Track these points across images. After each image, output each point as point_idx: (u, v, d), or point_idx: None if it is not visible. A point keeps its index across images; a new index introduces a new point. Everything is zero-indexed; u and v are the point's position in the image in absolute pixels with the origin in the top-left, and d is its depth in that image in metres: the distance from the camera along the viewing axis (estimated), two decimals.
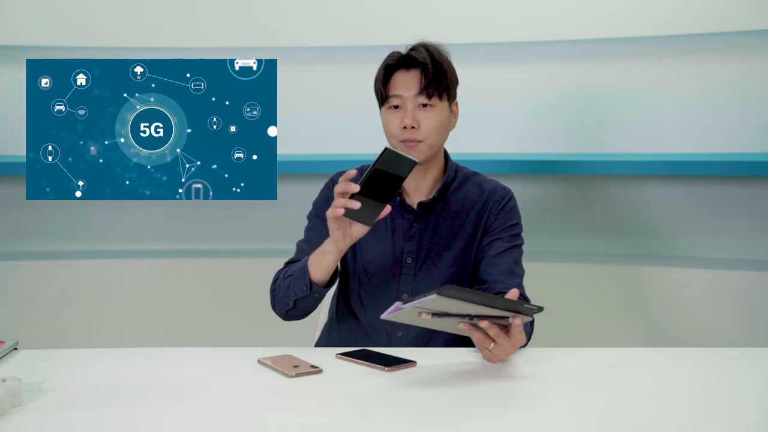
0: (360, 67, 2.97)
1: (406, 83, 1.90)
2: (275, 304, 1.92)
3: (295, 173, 2.98)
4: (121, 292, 3.13)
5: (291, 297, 1.85)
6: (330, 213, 1.70)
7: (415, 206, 1.95)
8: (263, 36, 3.08)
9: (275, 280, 1.93)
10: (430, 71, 1.88)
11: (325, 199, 1.99)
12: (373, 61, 1.99)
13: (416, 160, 1.70)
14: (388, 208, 1.70)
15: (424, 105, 1.89)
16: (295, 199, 2.72)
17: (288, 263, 1.96)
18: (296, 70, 3.05)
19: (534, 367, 1.62)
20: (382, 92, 1.93)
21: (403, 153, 1.69)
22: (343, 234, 1.73)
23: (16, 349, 1.73)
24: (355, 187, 1.66)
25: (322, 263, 1.80)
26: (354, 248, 1.95)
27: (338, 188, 1.68)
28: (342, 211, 1.68)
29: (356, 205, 1.67)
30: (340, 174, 2.01)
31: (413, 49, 1.92)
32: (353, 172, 1.70)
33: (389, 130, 1.91)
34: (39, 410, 1.40)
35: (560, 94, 3.03)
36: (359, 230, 1.74)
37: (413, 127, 1.87)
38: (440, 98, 1.90)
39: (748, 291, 2.84)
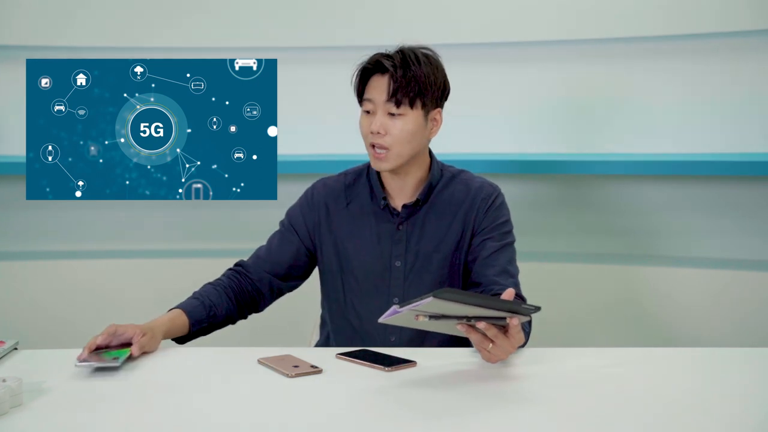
0: None
1: (378, 88, 1.84)
2: None
3: (295, 173, 2.97)
4: (121, 292, 3.13)
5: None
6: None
7: (399, 209, 1.92)
8: (263, 36, 3.07)
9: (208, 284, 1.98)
10: (398, 79, 1.81)
11: (299, 211, 1.97)
12: None
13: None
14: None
15: (392, 114, 1.83)
16: (295, 199, 2.72)
17: (237, 264, 1.98)
18: (296, 70, 3.05)
19: (534, 367, 1.62)
20: (358, 93, 1.89)
21: None
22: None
23: (16, 349, 1.73)
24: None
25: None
26: (340, 256, 1.93)
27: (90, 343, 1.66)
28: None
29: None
30: (322, 181, 1.98)
31: (388, 54, 1.85)
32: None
33: (361, 132, 1.88)
34: (39, 410, 1.40)
35: (557, 93, 3.03)
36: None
37: (380, 133, 1.83)
38: (411, 106, 1.83)
39: (748, 291, 2.83)
